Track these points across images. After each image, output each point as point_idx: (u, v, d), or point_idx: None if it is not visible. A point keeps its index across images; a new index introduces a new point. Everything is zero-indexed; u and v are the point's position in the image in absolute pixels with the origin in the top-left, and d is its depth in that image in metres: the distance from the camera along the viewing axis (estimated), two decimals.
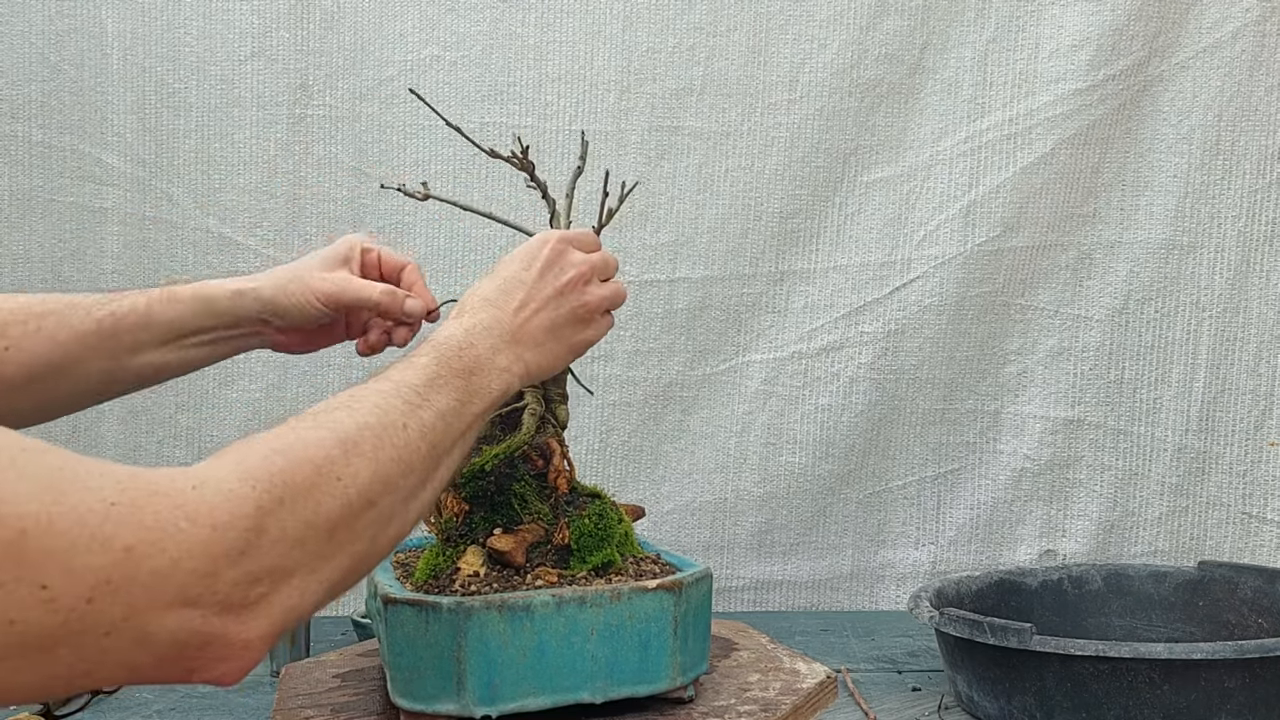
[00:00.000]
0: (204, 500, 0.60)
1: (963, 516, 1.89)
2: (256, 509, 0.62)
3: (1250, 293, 1.83)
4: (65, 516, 0.54)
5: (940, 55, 1.83)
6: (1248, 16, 1.79)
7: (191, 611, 0.58)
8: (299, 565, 0.64)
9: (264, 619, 0.62)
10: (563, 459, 1.06)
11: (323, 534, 0.66)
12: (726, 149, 1.83)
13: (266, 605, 0.62)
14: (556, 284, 0.93)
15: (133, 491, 0.58)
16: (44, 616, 0.53)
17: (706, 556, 1.84)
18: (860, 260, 1.85)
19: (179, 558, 0.57)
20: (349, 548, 0.68)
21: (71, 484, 0.56)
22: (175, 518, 0.58)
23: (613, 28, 1.81)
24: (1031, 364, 1.87)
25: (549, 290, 0.92)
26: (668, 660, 0.98)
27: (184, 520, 0.58)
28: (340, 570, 0.68)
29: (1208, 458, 1.85)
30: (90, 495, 0.56)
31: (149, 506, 0.57)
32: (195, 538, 0.58)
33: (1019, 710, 1.27)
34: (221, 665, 0.61)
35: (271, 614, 0.63)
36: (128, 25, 1.78)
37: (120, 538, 0.56)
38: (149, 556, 0.56)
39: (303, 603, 0.65)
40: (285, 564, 0.63)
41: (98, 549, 0.55)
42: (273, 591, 0.63)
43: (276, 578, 0.63)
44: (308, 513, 0.65)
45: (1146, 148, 1.83)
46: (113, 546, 0.55)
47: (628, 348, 1.84)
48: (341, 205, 1.82)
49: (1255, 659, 1.18)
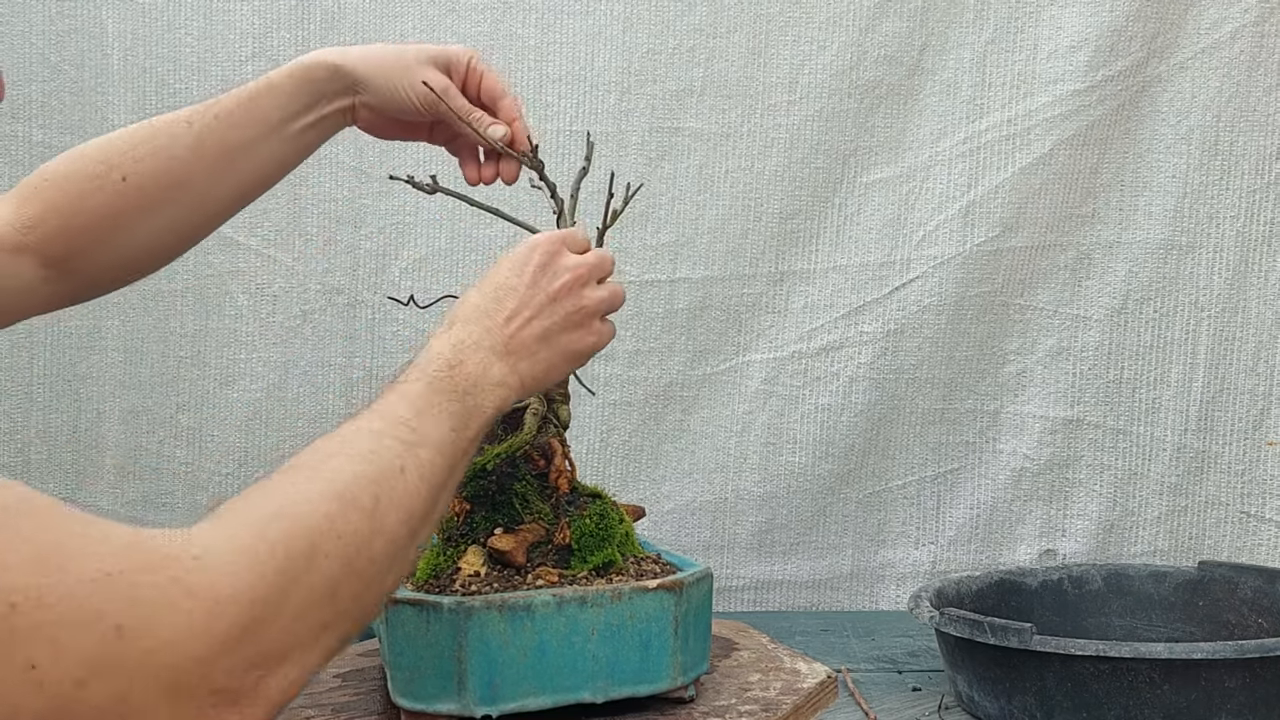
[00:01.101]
0: (205, 574, 0.57)
1: (962, 516, 1.90)
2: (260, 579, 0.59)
3: (1249, 292, 1.83)
4: (55, 589, 0.51)
5: (939, 56, 1.83)
6: (1246, 17, 1.79)
7: (187, 705, 0.55)
8: (298, 641, 0.61)
9: (261, 704, 0.59)
10: (564, 459, 1.06)
11: (323, 599, 0.63)
12: (726, 150, 1.84)
13: (264, 689, 0.59)
14: (550, 289, 0.89)
15: (129, 561, 0.55)
16: (31, 699, 0.50)
17: (706, 556, 1.84)
18: (860, 260, 1.85)
19: (173, 639, 0.54)
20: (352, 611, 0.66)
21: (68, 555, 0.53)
22: (173, 595, 0.55)
23: (613, 29, 1.81)
24: (1031, 364, 1.88)
25: (542, 297, 0.89)
26: (668, 660, 0.98)
27: (183, 597, 0.55)
28: (340, 635, 0.66)
29: (1207, 457, 1.85)
30: (84, 565, 0.53)
31: (145, 581, 0.54)
32: (195, 616, 0.55)
33: (1019, 710, 1.27)
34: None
35: (270, 698, 0.60)
36: (128, 25, 1.79)
37: (110, 614, 0.53)
38: (141, 637, 0.53)
39: (302, 675, 0.62)
40: (283, 643, 0.60)
41: (87, 625, 0.52)
42: (270, 675, 0.59)
43: (274, 661, 0.60)
44: (308, 578, 0.62)
45: (1145, 148, 1.83)
46: (103, 624, 0.52)
47: (628, 347, 1.84)
48: (342, 205, 1.82)
49: (1255, 659, 1.18)
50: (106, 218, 0.98)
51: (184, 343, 1.82)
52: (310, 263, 1.82)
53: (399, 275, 1.82)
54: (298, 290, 1.82)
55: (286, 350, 1.82)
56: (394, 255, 1.83)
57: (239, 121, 1.01)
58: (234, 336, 1.82)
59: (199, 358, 1.82)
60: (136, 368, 1.81)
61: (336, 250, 1.83)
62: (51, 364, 1.79)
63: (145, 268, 1.06)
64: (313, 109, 1.03)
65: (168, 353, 1.82)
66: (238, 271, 1.82)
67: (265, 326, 1.82)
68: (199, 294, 1.81)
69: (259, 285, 1.82)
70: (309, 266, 1.82)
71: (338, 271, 1.83)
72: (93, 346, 1.81)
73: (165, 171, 0.99)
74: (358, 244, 1.83)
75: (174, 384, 1.82)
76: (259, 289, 1.82)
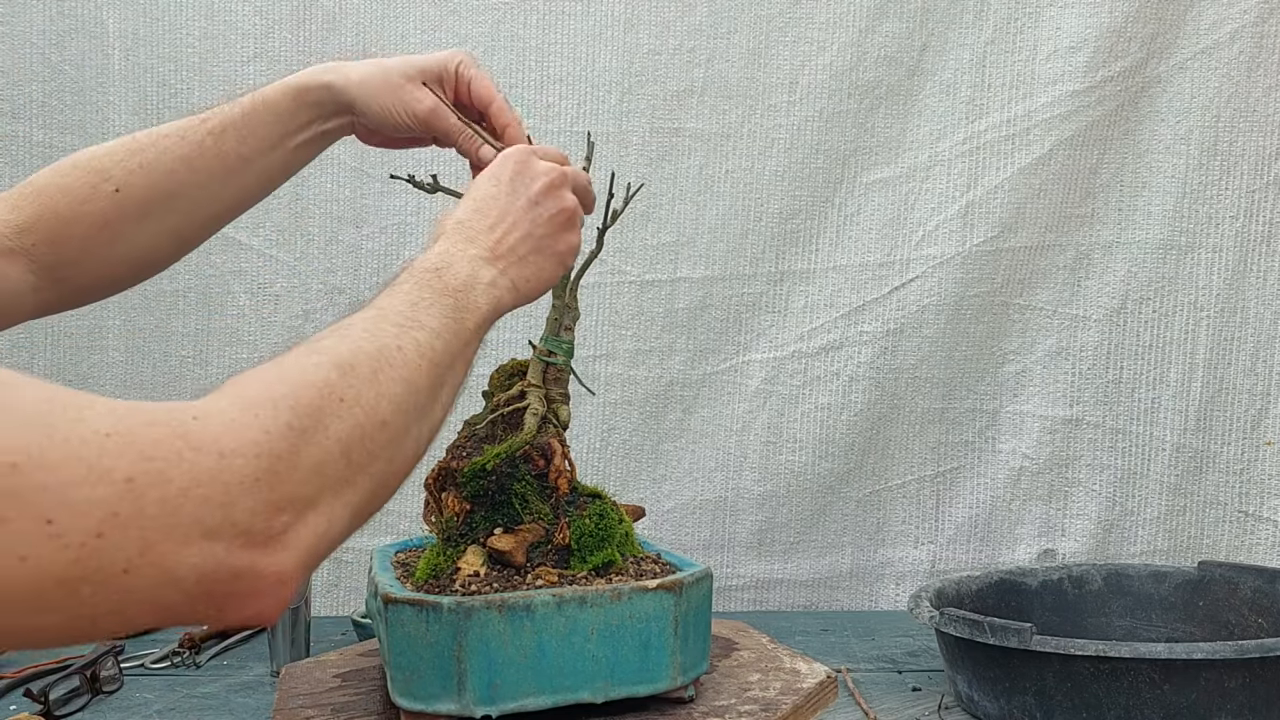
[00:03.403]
0: (206, 429, 0.57)
1: (962, 516, 1.90)
2: (265, 434, 0.59)
3: (1247, 293, 1.84)
4: (57, 449, 0.52)
5: (939, 57, 1.83)
6: (1246, 18, 1.79)
7: (214, 544, 0.56)
8: (319, 491, 0.62)
9: (294, 550, 0.60)
10: (564, 459, 1.06)
11: (337, 456, 0.63)
12: (727, 150, 1.84)
13: (294, 535, 0.60)
14: (529, 194, 0.91)
15: (128, 421, 0.55)
16: (55, 553, 0.52)
17: (706, 556, 1.85)
18: (860, 260, 1.85)
19: (187, 486, 0.55)
20: (368, 468, 0.66)
21: (61, 416, 0.53)
22: (177, 447, 0.56)
23: (614, 30, 1.82)
24: (1030, 363, 1.88)
25: (522, 202, 0.90)
26: (668, 660, 0.98)
27: (187, 449, 0.56)
28: (363, 492, 0.66)
29: (1205, 457, 1.86)
30: (82, 427, 0.54)
31: (147, 436, 0.55)
32: (201, 465, 0.56)
33: (1019, 710, 1.27)
34: (256, 602, 0.59)
35: (300, 544, 0.60)
36: (129, 25, 1.79)
37: (119, 469, 0.53)
38: (154, 486, 0.54)
39: (331, 529, 0.63)
40: (304, 491, 0.61)
41: (96, 481, 0.53)
42: (298, 521, 0.60)
43: (299, 506, 0.60)
44: (318, 435, 0.62)
45: (1144, 148, 1.83)
46: (113, 478, 0.53)
47: (628, 347, 1.84)
48: (344, 205, 1.83)
49: (1255, 659, 1.18)
50: (98, 226, 0.98)
51: (186, 342, 1.82)
52: (312, 262, 1.83)
53: None
54: (300, 290, 1.83)
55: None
56: (396, 255, 1.83)
57: (234, 137, 1.01)
58: (236, 336, 1.83)
59: (201, 357, 1.82)
60: (138, 367, 1.82)
61: (338, 250, 1.83)
62: (52, 363, 1.79)
63: (134, 277, 1.05)
64: (309, 126, 1.03)
65: (170, 352, 1.82)
66: (240, 271, 1.82)
67: (267, 326, 1.83)
68: (201, 293, 1.82)
69: (261, 285, 1.83)
70: (311, 266, 1.83)
71: (340, 271, 1.83)
72: (94, 346, 1.81)
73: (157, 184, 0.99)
74: (360, 244, 1.83)
75: (176, 383, 1.82)
76: (261, 288, 1.83)
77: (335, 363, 0.67)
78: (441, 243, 0.86)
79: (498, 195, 0.90)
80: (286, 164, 1.05)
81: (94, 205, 0.97)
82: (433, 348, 0.75)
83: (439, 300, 0.79)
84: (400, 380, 0.70)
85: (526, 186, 0.91)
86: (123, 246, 0.99)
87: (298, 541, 0.60)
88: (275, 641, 1.52)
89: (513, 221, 0.89)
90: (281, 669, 1.25)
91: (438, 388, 0.75)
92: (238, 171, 1.01)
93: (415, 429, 0.72)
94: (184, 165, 0.99)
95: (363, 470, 0.66)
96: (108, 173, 0.98)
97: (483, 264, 0.85)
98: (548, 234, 0.91)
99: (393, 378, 0.70)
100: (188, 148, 0.99)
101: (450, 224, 0.88)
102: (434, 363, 0.75)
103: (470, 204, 0.90)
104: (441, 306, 0.79)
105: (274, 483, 0.59)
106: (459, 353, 0.79)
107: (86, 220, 0.98)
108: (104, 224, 0.98)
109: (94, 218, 0.98)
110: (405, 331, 0.74)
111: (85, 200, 0.97)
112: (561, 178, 0.94)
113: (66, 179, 0.98)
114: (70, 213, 0.97)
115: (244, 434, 0.59)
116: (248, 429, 0.59)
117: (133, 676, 1.51)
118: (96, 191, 0.97)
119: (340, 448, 0.64)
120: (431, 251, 0.85)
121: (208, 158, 1.00)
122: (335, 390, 0.65)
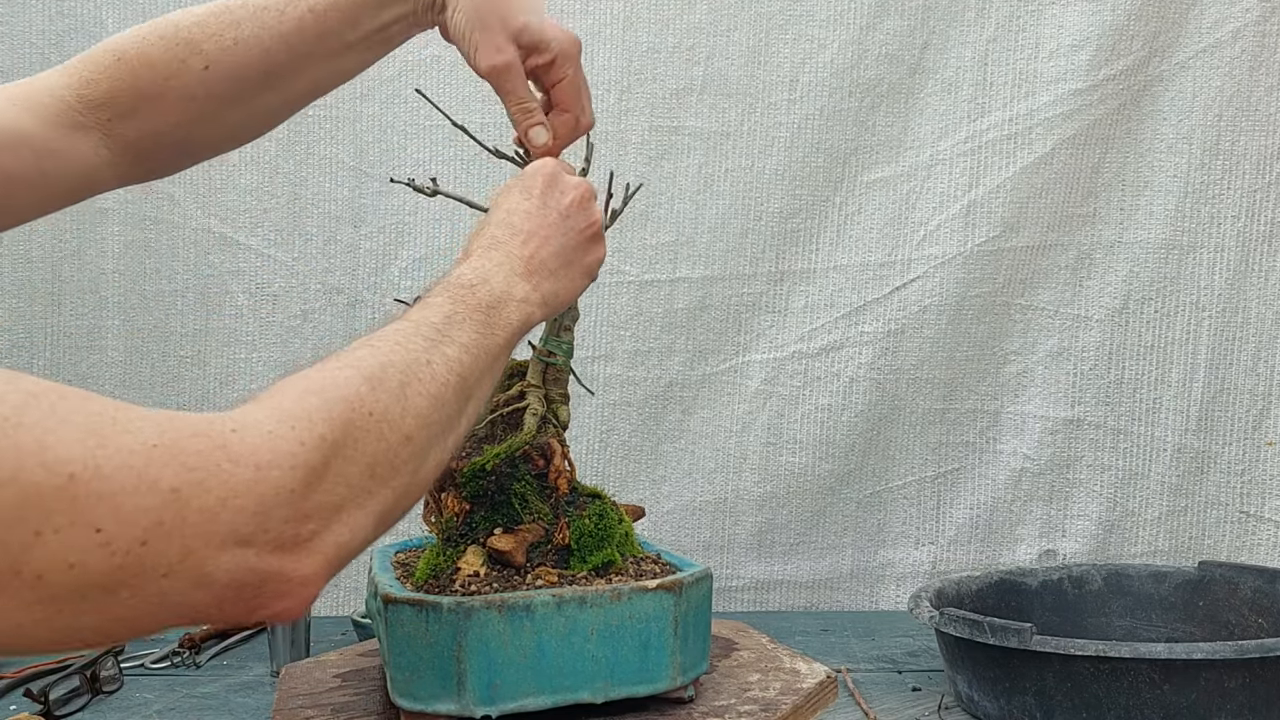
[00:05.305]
0: (245, 442, 0.60)
1: (963, 516, 1.90)
2: (300, 446, 0.62)
3: (1249, 293, 1.83)
4: (110, 460, 0.55)
5: (940, 55, 1.83)
6: (1248, 16, 1.79)
7: (246, 551, 0.59)
8: (345, 501, 0.64)
9: (319, 555, 0.63)
10: (563, 459, 1.06)
11: (363, 469, 0.66)
12: (727, 149, 1.84)
13: (320, 542, 0.63)
14: (560, 207, 0.90)
15: (172, 434, 0.58)
16: (102, 560, 0.54)
17: (706, 556, 1.84)
18: (860, 260, 1.85)
19: (226, 497, 0.58)
20: (391, 482, 0.68)
21: (112, 429, 0.56)
22: (218, 459, 0.58)
23: (613, 28, 1.81)
24: (1031, 364, 1.88)
25: (554, 215, 0.89)
26: (668, 660, 0.98)
27: (226, 461, 0.59)
28: (385, 504, 0.68)
29: (1207, 457, 1.85)
30: (131, 438, 0.56)
31: (190, 448, 0.58)
32: (240, 478, 0.59)
33: (1019, 710, 1.27)
34: (281, 602, 0.62)
35: (325, 550, 0.63)
36: (128, 25, 1.78)
37: (165, 479, 0.56)
38: (196, 496, 0.57)
39: (354, 537, 0.66)
40: (332, 500, 0.63)
41: (145, 491, 0.55)
42: (323, 529, 0.63)
43: (326, 515, 0.63)
44: (347, 449, 0.65)
45: (1146, 148, 1.83)
46: (160, 488, 0.56)
47: (628, 347, 1.84)
48: (343, 205, 1.82)
49: (1255, 659, 1.18)
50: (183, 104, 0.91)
51: (185, 342, 1.82)
52: (310, 262, 1.83)
53: (399, 275, 1.82)
54: (298, 290, 1.83)
55: (287, 350, 1.82)
56: (394, 255, 1.83)
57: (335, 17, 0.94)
58: (234, 336, 1.82)
59: (199, 357, 1.82)
60: (137, 367, 1.82)
61: (337, 250, 1.83)
62: (52, 363, 1.79)
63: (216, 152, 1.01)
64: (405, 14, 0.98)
65: (168, 352, 1.82)
66: (238, 271, 1.82)
67: (266, 326, 1.82)
68: (200, 293, 1.81)
69: (259, 285, 1.82)
70: (309, 266, 1.82)
71: (338, 271, 1.83)
72: (94, 346, 1.81)
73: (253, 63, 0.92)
74: (358, 243, 1.83)
75: (175, 383, 1.82)
76: (259, 288, 1.82)
77: (366, 376, 0.69)
78: (476, 258, 0.85)
79: (530, 210, 0.89)
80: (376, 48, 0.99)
81: (180, 80, 0.91)
82: (461, 363, 0.76)
83: (472, 316, 0.79)
84: (427, 395, 0.72)
85: (558, 200, 0.90)
86: (208, 126, 0.94)
87: (323, 547, 0.63)
88: (275, 641, 1.52)
89: (545, 236, 0.88)
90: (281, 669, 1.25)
91: (464, 402, 0.76)
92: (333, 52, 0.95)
93: (440, 443, 0.74)
94: (282, 45, 0.92)
95: (386, 483, 0.68)
96: (198, 45, 0.91)
97: (516, 279, 0.85)
98: (577, 247, 0.91)
99: (420, 392, 0.71)
100: (288, 25, 0.93)
101: (484, 240, 0.87)
102: (462, 378, 0.76)
103: (502, 215, 0.89)
104: (474, 322, 0.79)
105: (305, 493, 0.62)
106: (488, 368, 0.80)
107: (170, 96, 0.91)
108: (190, 101, 0.92)
109: (179, 94, 0.91)
110: (435, 346, 0.75)
111: (171, 75, 0.91)
112: (590, 191, 0.93)
113: (152, 50, 0.91)
114: (154, 89, 0.91)
115: (280, 446, 0.61)
116: (284, 441, 0.61)
117: (133, 676, 1.51)
118: (185, 66, 0.91)
119: (367, 460, 0.66)
120: (466, 265, 0.84)
121: (308, 37, 0.93)
122: (365, 404, 0.67)
